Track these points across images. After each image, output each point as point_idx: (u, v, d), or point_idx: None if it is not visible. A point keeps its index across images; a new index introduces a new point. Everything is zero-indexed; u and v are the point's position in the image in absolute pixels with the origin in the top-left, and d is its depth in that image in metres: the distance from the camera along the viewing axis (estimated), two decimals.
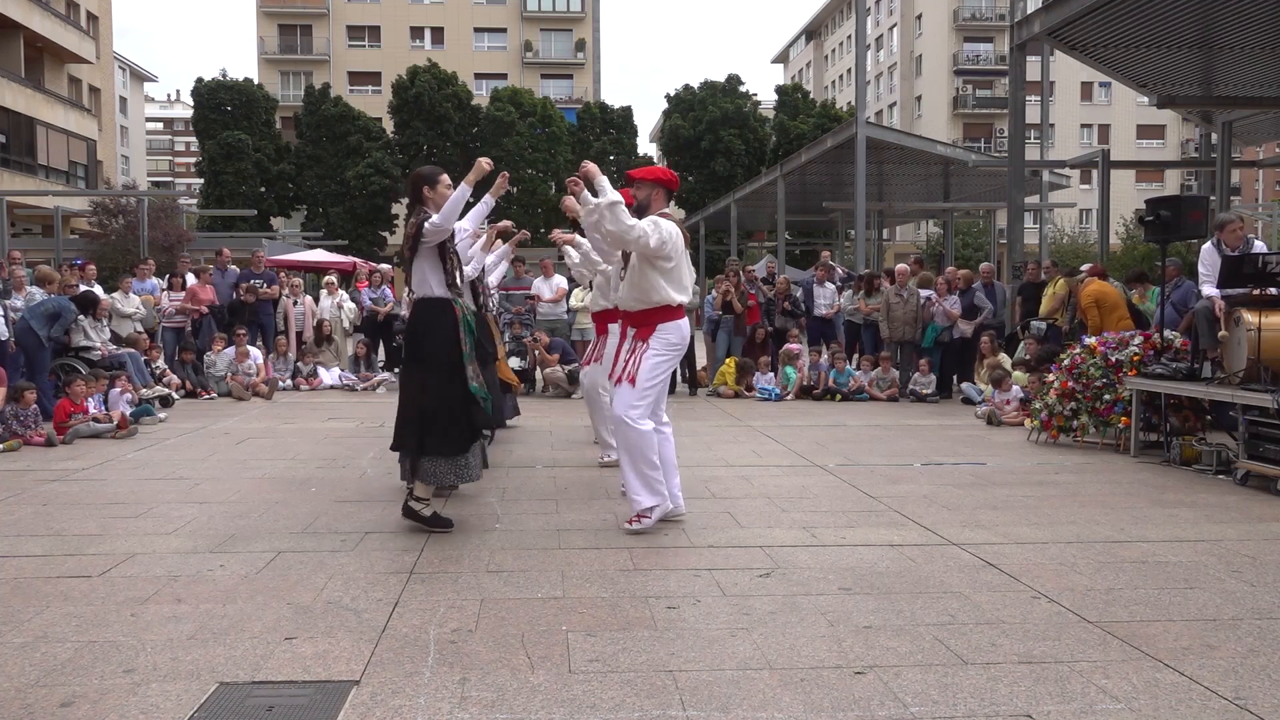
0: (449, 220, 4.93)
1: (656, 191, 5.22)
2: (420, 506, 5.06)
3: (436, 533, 4.99)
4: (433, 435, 4.95)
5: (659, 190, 5.23)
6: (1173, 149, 56.19)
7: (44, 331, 9.38)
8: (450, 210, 4.93)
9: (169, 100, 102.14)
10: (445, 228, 4.93)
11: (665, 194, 5.26)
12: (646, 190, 5.21)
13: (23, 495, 6.06)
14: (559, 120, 46.42)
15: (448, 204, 4.94)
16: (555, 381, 12.31)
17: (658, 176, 5.28)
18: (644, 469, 5.04)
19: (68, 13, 35.62)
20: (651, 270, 5.09)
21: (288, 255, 23.78)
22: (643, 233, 4.92)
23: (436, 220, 4.92)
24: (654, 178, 5.27)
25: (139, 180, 53.90)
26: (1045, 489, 6.35)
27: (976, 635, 3.53)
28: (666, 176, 5.31)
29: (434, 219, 4.93)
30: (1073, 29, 12.43)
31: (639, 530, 5.01)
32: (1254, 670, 3.22)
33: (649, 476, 5.04)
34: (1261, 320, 6.52)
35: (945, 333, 12.00)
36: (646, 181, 5.25)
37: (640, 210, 5.15)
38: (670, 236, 5.01)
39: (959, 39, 59.37)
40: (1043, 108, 24.38)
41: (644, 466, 5.04)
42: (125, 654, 3.31)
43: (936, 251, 32.74)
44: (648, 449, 5.05)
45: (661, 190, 5.24)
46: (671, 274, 5.07)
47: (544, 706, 2.91)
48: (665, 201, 5.25)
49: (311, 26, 57.73)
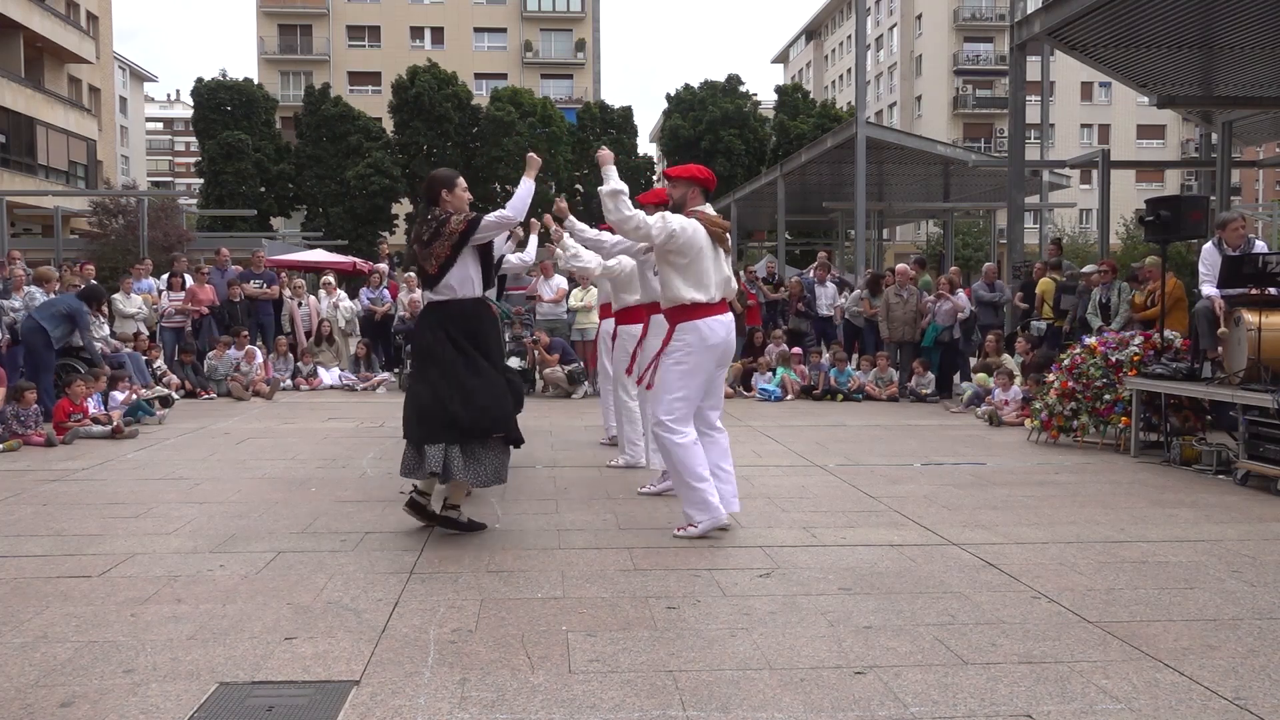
0: (520, 214, 4.86)
1: (692, 190, 5.18)
2: (457, 515, 4.99)
3: (438, 533, 4.98)
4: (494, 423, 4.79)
5: (694, 189, 5.19)
6: (1173, 149, 56.17)
7: (56, 332, 9.28)
8: (520, 204, 4.85)
9: (169, 100, 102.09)
10: (514, 219, 4.85)
11: (701, 192, 5.22)
12: (682, 189, 5.19)
13: (23, 495, 6.05)
14: (559, 120, 46.40)
15: (517, 198, 4.85)
16: (555, 382, 12.31)
17: (693, 175, 5.26)
18: (688, 481, 4.91)
19: (68, 13, 35.61)
20: (666, 265, 5.05)
21: (288, 255, 23.78)
22: (641, 223, 4.88)
23: (506, 212, 4.82)
24: (689, 176, 5.25)
25: (139, 180, 53.85)
26: (1045, 489, 6.35)
27: (976, 635, 3.53)
28: (702, 175, 5.27)
29: (502, 211, 4.83)
30: (1073, 29, 12.42)
31: (683, 536, 4.94)
32: (1254, 670, 3.22)
33: (693, 489, 4.91)
34: (1261, 320, 6.52)
35: (945, 333, 12.00)
36: (682, 180, 5.23)
37: (676, 208, 5.13)
38: (682, 231, 4.92)
39: (959, 39, 59.37)
40: (1043, 108, 24.39)
41: (688, 479, 4.90)
42: (125, 654, 3.31)
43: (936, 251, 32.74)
44: (688, 460, 4.90)
45: (697, 188, 5.20)
46: (687, 270, 4.97)
47: (544, 706, 2.91)
48: (702, 199, 5.20)
49: (311, 26, 57.75)
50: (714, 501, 4.94)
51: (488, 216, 4.83)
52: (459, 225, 4.80)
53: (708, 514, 4.92)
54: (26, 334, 9.26)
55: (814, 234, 40.67)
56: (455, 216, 4.86)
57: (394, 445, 6.44)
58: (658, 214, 5.01)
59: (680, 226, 4.94)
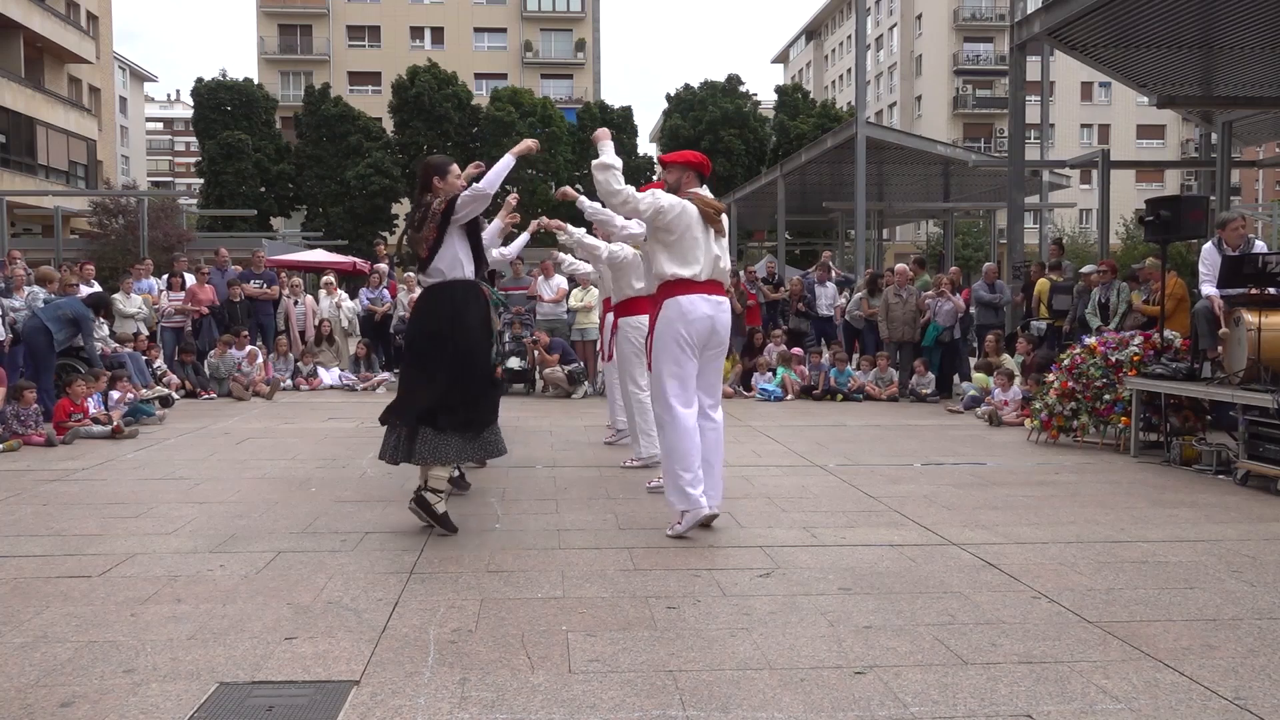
0: (493, 186, 4.82)
1: (687, 174, 5.18)
2: (435, 500, 4.93)
3: (437, 533, 4.98)
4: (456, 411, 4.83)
5: (689, 173, 5.19)
6: (1173, 149, 56.17)
7: (60, 335, 9.28)
8: (495, 177, 4.82)
9: (169, 100, 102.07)
10: (487, 193, 4.82)
11: (697, 176, 5.21)
12: (677, 173, 5.19)
13: (23, 495, 6.05)
14: (559, 120, 46.37)
15: (493, 171, 4.84)
16: (555, 381, 12.31)
17: (687, 159, 5.26)
18: (672, 467, 4.88)
19: (68, 13, 35.61)
20: (654, 243, 5.05)
21: (288, 255, 23.79)
22: (630, 196, 4.88)
23: (480, 185, 4.82)
24: (684, 160, 5.25)
25: (139, 180, 53.88)
26: (1045, 489, 6.35)
27: (976, 635, 3.53)
28: (697, 159, 5.28)
29: (477, 185, 4.83)
30: (1073, 29, 12.42)
31: (672, 535, 4.91)
32: (1254, 670, 3.21)
33: (675, 475, 4.88)
34: (1261, 320, 6.52)
35: (945, 333, 12.00)
36: (677, 164, 5.23)
37: (671, 193, 5.11)
38: (670, 208, 4.92)
39: (959, 39, 59.38)
40: (1043, 108, 24.39)
41: (673, 463, 4.88)
42: (125, 654, 3.31)
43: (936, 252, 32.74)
44: (677, 443, 4.86)
45: (692, 173, 5.20)
46: (673, 246, 4.96)
47: (544, 706, 2.91)
48: (698, 184, 5.20)
49: (311, 26, 57.74)
50: (694, 493, 4.87)
51: (463, 193, 4.84)
52: (440, 206, 4.88)
53: (686, 503, 4.87)
54: (30, 333, 9.26)
55: (814, 234, 40.66)
56: (437, 200, 4.91)
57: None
58: (649, 190, 5.02)
59: (669, 204, 4.94)
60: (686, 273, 4.97)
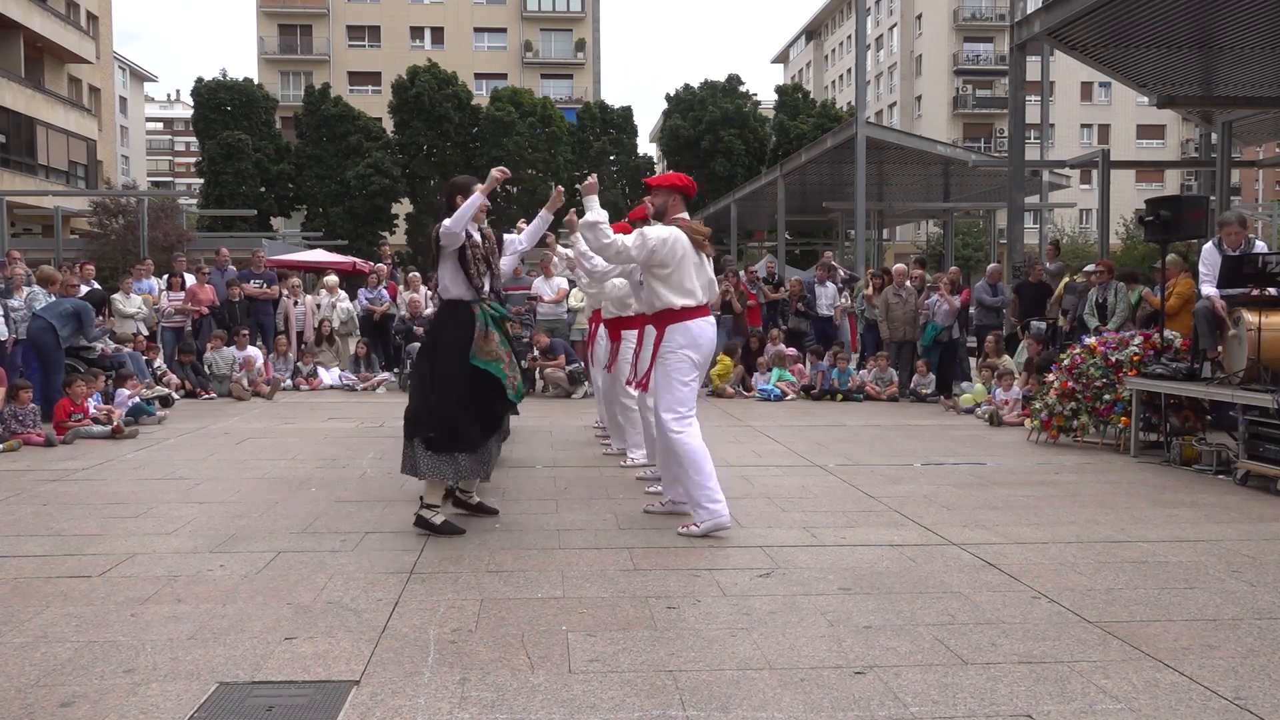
0: (459, 224, 4.98)
1: (673, 198, 5.26)
2: (431, 515, 5.01)
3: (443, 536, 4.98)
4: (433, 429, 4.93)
5: (675, 196, 5.27)
6: (1173, 149, 56.18)
7: (64, 330, 9.29)
8: (460, 216, 4.99)
9: (169, 100, 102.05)
10: (455, 231, 5.00)
11: (682, 199, 5.30)
12: (663, 196, 5.27)
13: (23, 495, 6.05)
14: (559, 120, 46.39)
15: (459, 211, 5.00)
16: (555, 381, 12.31)
17: (672, 183, 5.32)
18: (694, 478, 4.96)
19: (68, 13, 35.61)
20: (651, 278, 5.16)
21: (288, 255, 23.78)
22: (621, 247, 5.02)
23: (447, 224, 5.00)
24: (669, 184, 5.31)
25: (139, 180, 53.84)
26: (1045, 489, 6.35)
27: (976, 635, 3.53)
28: (682, 182, 5.34)
29: (445, 223, 5.02)
30: (1073, 29, 12.43)
31: (685, 534, 4.98)
32: (1254, 670, 3.21)
33: (700, 487, 4.96)
34: (1261, 320, 6.52)
35: (945, 333, 12.00)
36: (663, 188, 5.30)
37: (658, 216, 5.23)
38: (661, 244, 5.01)
39: (959, 39, 59.38)
40: (1043, 108, 24.41)
41: (695, 474, 4.96)
42: (125, 654, 3.31)
43: (936, 251, 32.75)
44: (694, 457, 4.97)
45: (678, 196, 5.28)
46: (669, 279, 5.08)
47: (544, 706, 2.91)
48: (683, 206, 5.29)
49: (311, 26, 57.75)
50: (718, 505, 4.97)
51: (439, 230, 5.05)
52: (433, 234, 5.14)
53: (712, 513, 4.95)
54: (36, 333, 9.26)
55: (814, 234, 40.68)
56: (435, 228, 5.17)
57: (394, 445, 6.44)
58: (635, 232, 5.11)
59: (659, 240, 5.02)
60: (691, 302, 5.13)
